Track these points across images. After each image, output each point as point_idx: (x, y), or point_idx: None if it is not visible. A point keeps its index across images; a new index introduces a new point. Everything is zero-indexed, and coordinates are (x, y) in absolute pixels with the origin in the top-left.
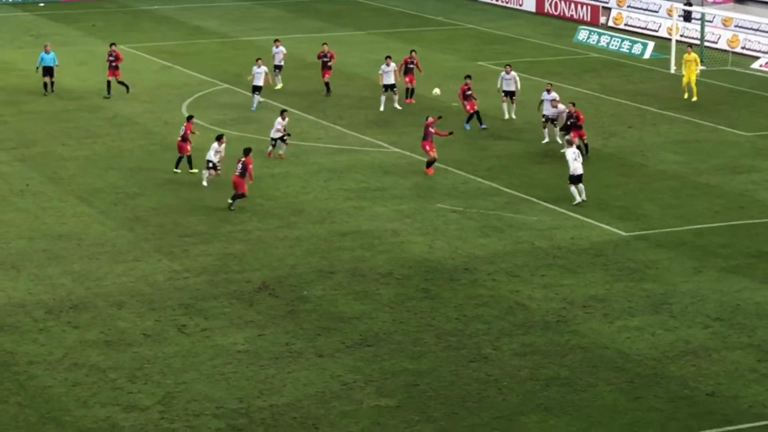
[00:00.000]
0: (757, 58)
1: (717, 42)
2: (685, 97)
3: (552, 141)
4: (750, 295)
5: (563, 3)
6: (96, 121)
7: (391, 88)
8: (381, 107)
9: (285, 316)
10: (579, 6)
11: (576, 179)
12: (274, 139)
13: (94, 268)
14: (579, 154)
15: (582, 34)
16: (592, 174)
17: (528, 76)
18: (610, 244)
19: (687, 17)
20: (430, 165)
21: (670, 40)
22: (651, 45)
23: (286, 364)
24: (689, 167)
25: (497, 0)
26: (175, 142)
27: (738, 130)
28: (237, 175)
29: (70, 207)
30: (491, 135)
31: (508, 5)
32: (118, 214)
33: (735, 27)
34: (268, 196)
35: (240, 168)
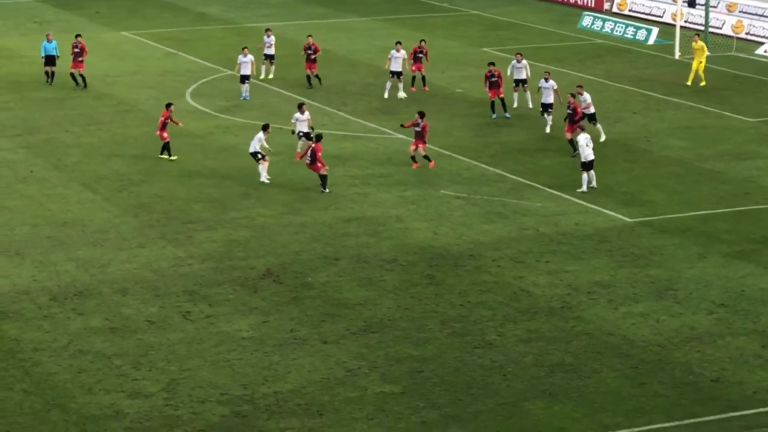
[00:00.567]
0: (762, 43)
1: (721, 27)
2: (702, 85)
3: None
4: (755, 281)
5: None
6: (100, 108)
7: (398, 75)
8: (386, 94)
9: (289, 302)
10: None
11: (587, 165)
12: (302, 133)
13: (98, 254)
14: (590, 140)
15: (586, 20)
16: (596, 160)
17: (532, 62)
18: (614, 230)
19: (691, 3)
20: (425, 159)
21: (674, 25)
22: (655, 31)
23: (290, 350)
24: (694, 153)
25: None
26: (178, 129)
27: (743, 115)
28: (309, 163)
29: (74, 194)
30: (495, 122)
31: None
32: (122, 200)
33: (739, 12)
34: (272, 182)
35: (310, 155)
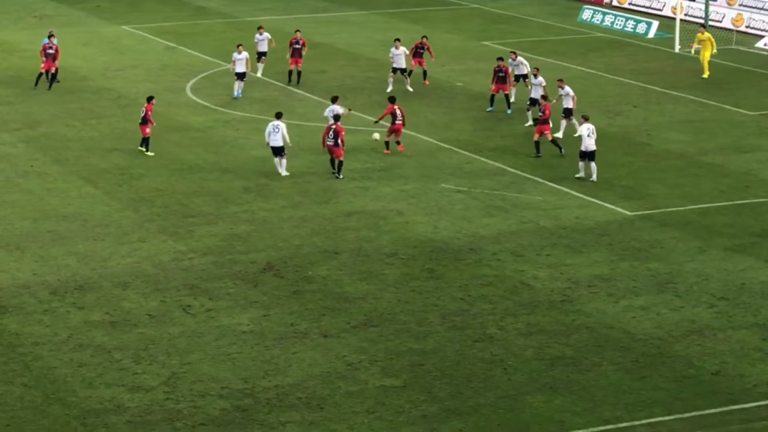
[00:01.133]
0: (762, 36)
1: (721, 21)
2: (704, 77)
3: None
4: (755, 274)
5: None
6: (100, 102)
7: (402, 71)
8: (389, 88)
9: (290, 296)
10: None
11: (588, 155)
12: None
13: (98, 248)
14: (594, 130)
15: (586, 13)
16: (597, 153)
17: (532, 55)
18: (615, 223)
19: None
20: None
21: (674, 19)
22: (655, 24)
23: (291, 344)
24: (694, 146)
25: None
26: (178, 123)
27: (743, 109)
28: (331, 144)
29: (74, 188)
30: (495, 115)
31: None
32: (122, 194)
33: (739, 6)
34: (272, 176)
35: (332, 135)
